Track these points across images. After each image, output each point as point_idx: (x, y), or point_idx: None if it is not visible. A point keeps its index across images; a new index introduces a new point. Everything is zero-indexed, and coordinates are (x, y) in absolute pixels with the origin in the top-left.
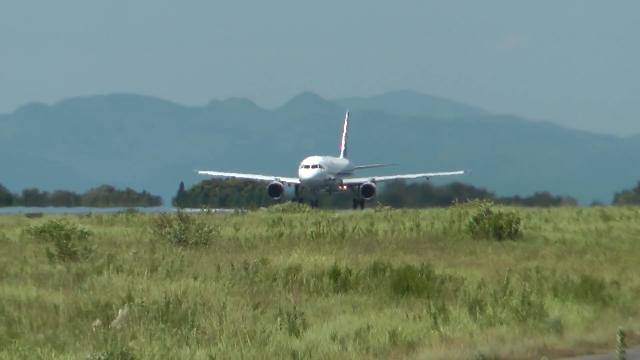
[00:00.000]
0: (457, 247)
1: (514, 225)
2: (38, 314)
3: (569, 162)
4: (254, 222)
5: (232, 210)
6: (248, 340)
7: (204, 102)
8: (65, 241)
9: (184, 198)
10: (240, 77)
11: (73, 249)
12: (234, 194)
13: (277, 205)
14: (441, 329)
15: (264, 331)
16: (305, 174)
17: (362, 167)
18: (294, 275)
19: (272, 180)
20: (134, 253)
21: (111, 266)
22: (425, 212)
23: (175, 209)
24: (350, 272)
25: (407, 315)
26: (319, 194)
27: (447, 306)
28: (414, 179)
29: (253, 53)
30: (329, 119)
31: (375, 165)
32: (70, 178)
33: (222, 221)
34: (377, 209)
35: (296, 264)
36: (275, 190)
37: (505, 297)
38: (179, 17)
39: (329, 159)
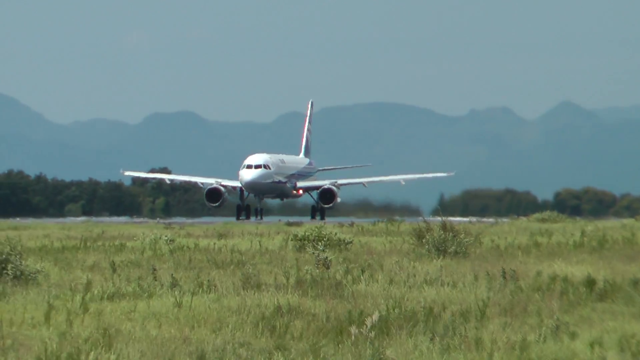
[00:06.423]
0: None
1: None
2: (300, 323)
3: None
4: (514, 230)
5: (492, 220)
6: (509, 348)
7: (464, 111)
8: (320, 250)
9: (443, 208)
10: (498, 85)
11: (328, 258)
12: (493, 204)
13: (537, 215)
14: None
15: (525, 340)
16: (246, 175)
17: (326, 169)
18: (553, 285)
19: (212, 184)
20: (394, 262)
21: (369, 274)
22: None
23: (434, 219)
24: (609, 282)
25: None
26: (267, 199)
27: None
28: (386, 181)
29: (511, 61)
30: (588, 129)
31: (342, 167)
32: None
33: (482, 230)
34: (638, 217)
35: (555, 273)
36: (214, 196)
37: None
38: (437, 25)
39: (279, 157)
